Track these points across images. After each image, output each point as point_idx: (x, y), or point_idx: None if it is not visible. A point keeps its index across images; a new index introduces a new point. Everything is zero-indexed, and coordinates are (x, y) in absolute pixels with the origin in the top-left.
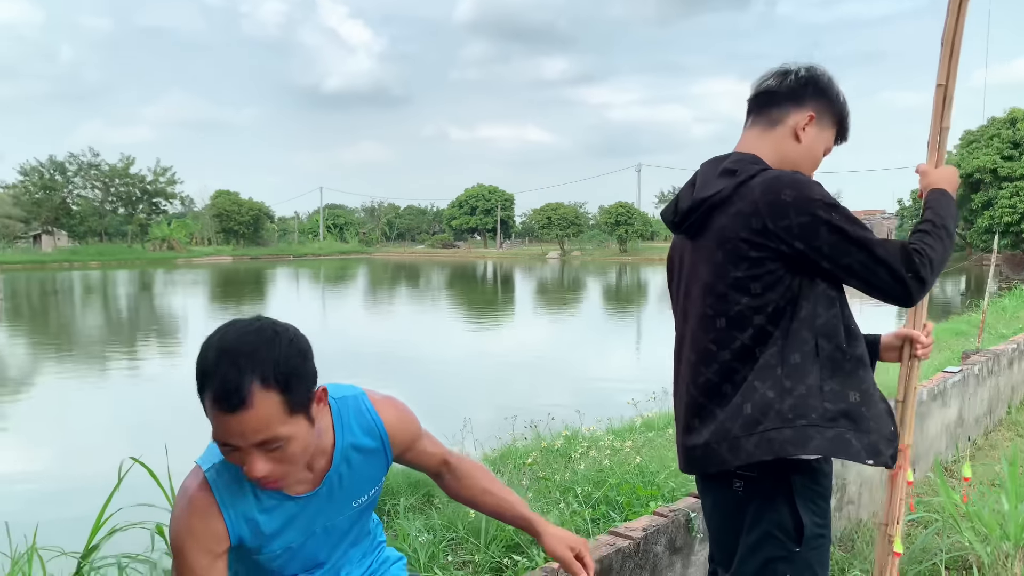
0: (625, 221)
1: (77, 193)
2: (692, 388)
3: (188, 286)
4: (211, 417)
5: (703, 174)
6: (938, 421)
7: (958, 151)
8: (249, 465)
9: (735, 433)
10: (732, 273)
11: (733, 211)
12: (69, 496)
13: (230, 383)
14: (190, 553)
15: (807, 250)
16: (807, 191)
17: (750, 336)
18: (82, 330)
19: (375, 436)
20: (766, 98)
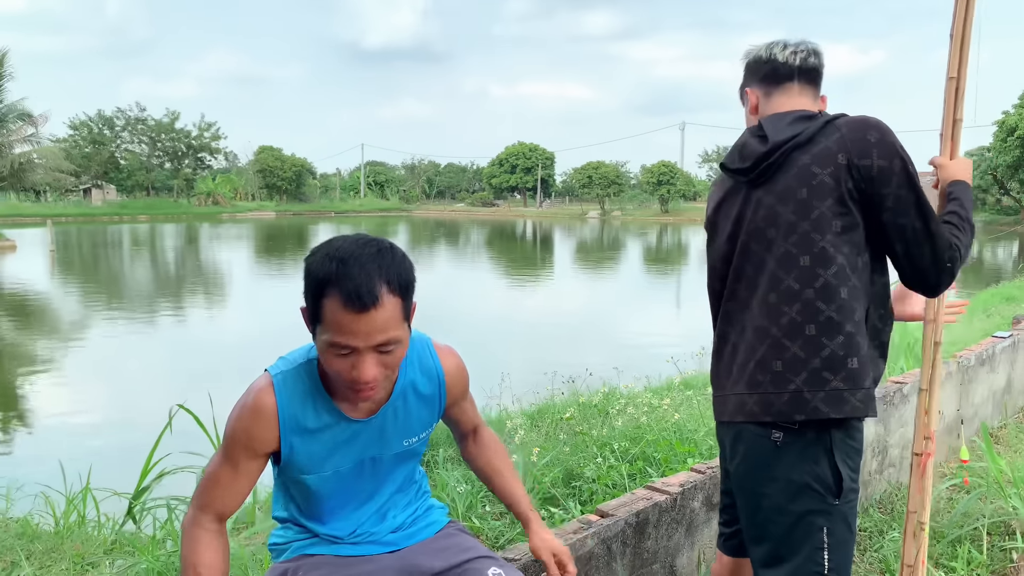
0: (667, 181)
1: (125, 148)
2: (775, 329)
3: (233, 240)
4: (334, 320)
5: (771, 124)
6: (985, 387)
7: (1016, 110)
8: (361, 367)
9: (835, 385)
10: (817, 209)
11: (817, 149)
12: (121, 440)
13: (363, 285)
14: (237, 446)
15: (875, 195)
16: (891, 137)
17: (833, 274)
18: (131, 281)
19: (434, 381)
20: (815, 75)
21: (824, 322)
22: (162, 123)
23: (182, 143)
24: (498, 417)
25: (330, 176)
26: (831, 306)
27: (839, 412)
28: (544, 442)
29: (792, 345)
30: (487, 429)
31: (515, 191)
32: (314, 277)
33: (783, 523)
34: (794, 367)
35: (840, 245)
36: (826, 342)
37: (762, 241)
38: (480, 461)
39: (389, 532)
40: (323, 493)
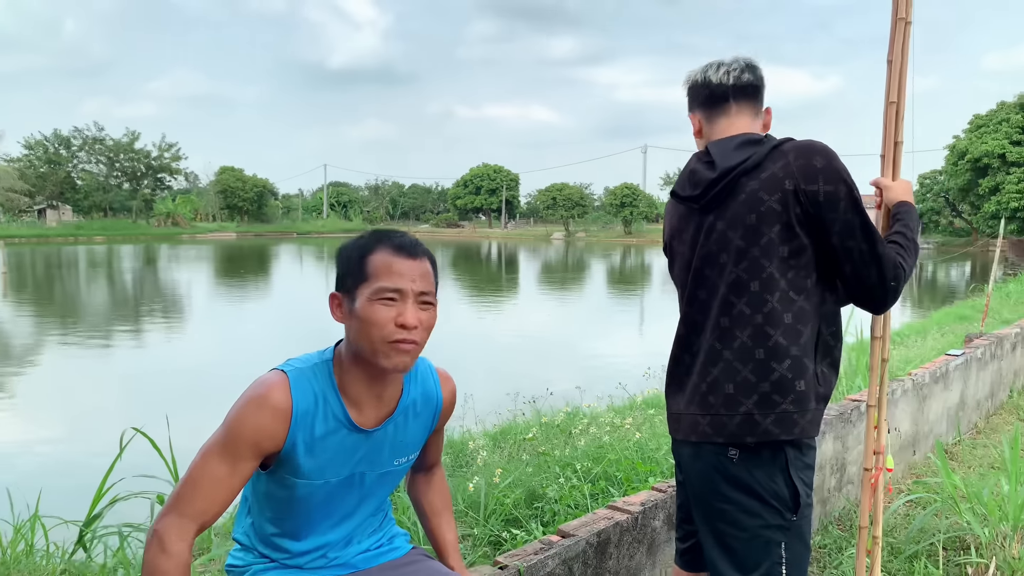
0: (630, 203)
1: (82, 168)
2: (727, 352)
3: (193, 261)
4: (384, 267)
5: (719, 150)
6: (940, 403)
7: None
8: (406, 313)
9: (784, 408)
10: (765, 235)
11: (765, 175)
12: (72, 466)
13: (408, 238)
14: (242, 440)
15: (822, 219)
16: (837, 163)
17: (778, 299)
18: (86, 304)
19: (431, 404)
20: (752, 91)
21: (772, 347)
22: (120, 143)
23: (141, 163)
24: (461, 439)
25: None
26: (778, 331)
27: (789, 434)
28: (507, 463)
29: (743, 369)
30: (441, 470)
31: (480, 212)
32: (358, 244)
33: (742, 539)
34: (745, 390)
35: (786, 270)
36: (775, 366)
37: (714, 266)
38: (424, 499)
39: (353, 556)
40: (307, 503)
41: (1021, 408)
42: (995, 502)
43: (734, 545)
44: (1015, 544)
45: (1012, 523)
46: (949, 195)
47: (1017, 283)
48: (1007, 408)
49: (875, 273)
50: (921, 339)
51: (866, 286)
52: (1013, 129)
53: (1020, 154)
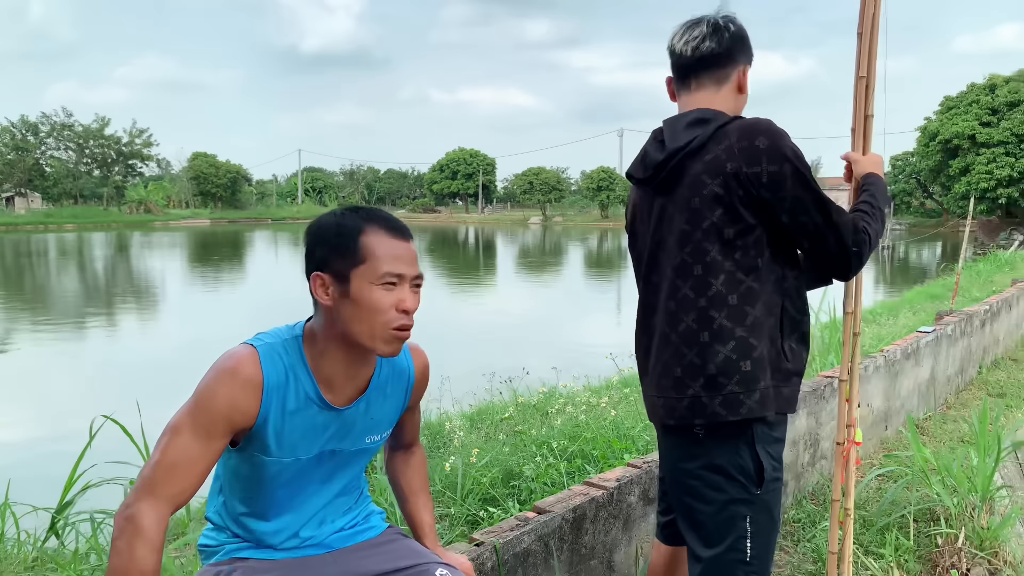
0: (607, 186)
1: (50, 154)
2: (674, 336)
3: (165, 248)
4: (381, 251)
5: (670, 129)
6: (911, 379)
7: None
8: (405, 298)
9: (731, 389)
10: (708, 219)
11: (709, 157)
12: (43, 453)
13: (396, 218)
14: (214, 413)
15: (771, 199)
16: (780, 141)
17: (723, 282)
18: (55, 290)
19: (403, 380)
20: (712, 60)
21: (717, 329)
22: (90, 129)
23: (112, 150)
24: (438, 420)
25: (266, 183)
26: (722, 313)
27: (735, 415)
28: (484, 443)
29: (689, 352)
30: (420, 450)
31: (457, 197)
32: (342, 226)
33: (708, 512)
34: (692, 373)
35: (732, 251)
36: (719, 348)
37: (664, 249)
38: (402, 479)
39: (328, 535)
40: (276, 482)
41: (990, 383)
42: (964, 474)
43: (701, 519)
44: (983, 514)
45: (980, 494)
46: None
47: (986, 262)
48: (976, 383)
49: (834, 242)
50: (893, 317)
51: (828, 256)
52: (983, 110)
53: (989, 135)
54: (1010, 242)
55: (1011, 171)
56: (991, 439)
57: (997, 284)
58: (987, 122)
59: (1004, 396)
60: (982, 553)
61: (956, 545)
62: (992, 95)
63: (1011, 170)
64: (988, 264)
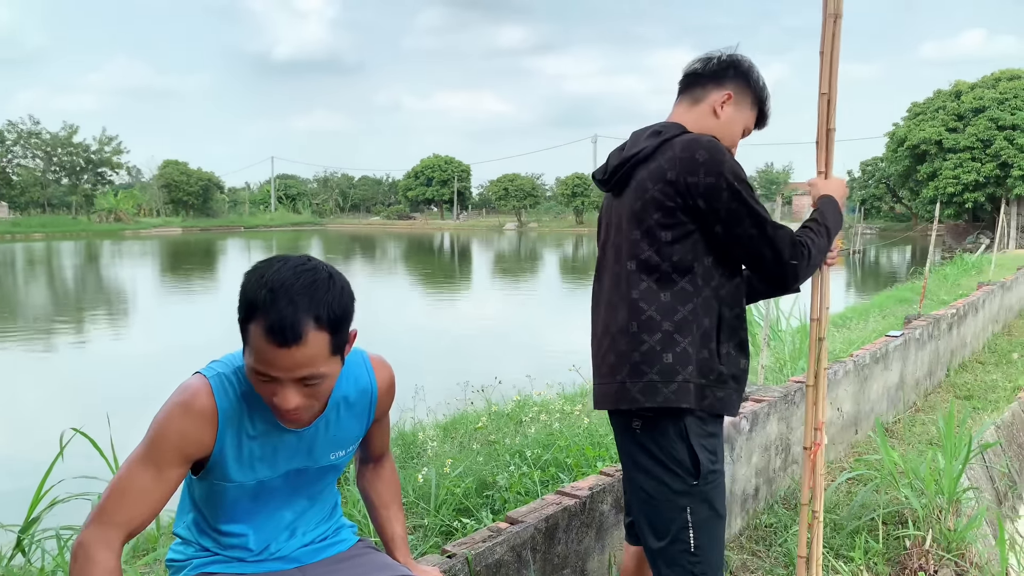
0: (581, 192)
1: (17, 163)
2: (612, 326)
3: (136, 257)
4: (256, 348)
5: (633, 138)
6: (880, 383)
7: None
8: (283, 396)
9: (651, 378)
10: (646, 221)
11: (654, 165)
12: (9, 469)
13: (287, 319)
14: (167, 446)
15: (707, 210)
16: (719, 156)
17: (656, 279)
18: (23, 301)
19: (366, 395)
20: (692, 79)
21: (645, 321)
22: (58, 137)
23: (80, 158)
24: (412, 431)
25: (239, 190)
26: (652, 307)
27: (652, 402)
28: (457, 453)
29: (621, 341)
30: (391, 461)
31: (432, 204)
32: (244, 299)
33: (652, 504)
34: (621, 361)
35: (669, 254)
36: (646, 338)
37: (612, 247)
38: (372, 491)
39: (297, 548)
40: (241, 501)
41: (957, 386)
42: (932, 476)
43: (647, 511)
44: (950, 516)
45: (947, 496)
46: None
47: (953, 266)
48: (944, 386)
49: (769, 254)
50: (863, 321)
51: (765, 268)
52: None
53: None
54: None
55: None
56: (958, 441)
57: (964, 287)
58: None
59: (971, 398)
60: (949, 555)
61: (924, 547)
62: (958, 101)
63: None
64: (955, 268)
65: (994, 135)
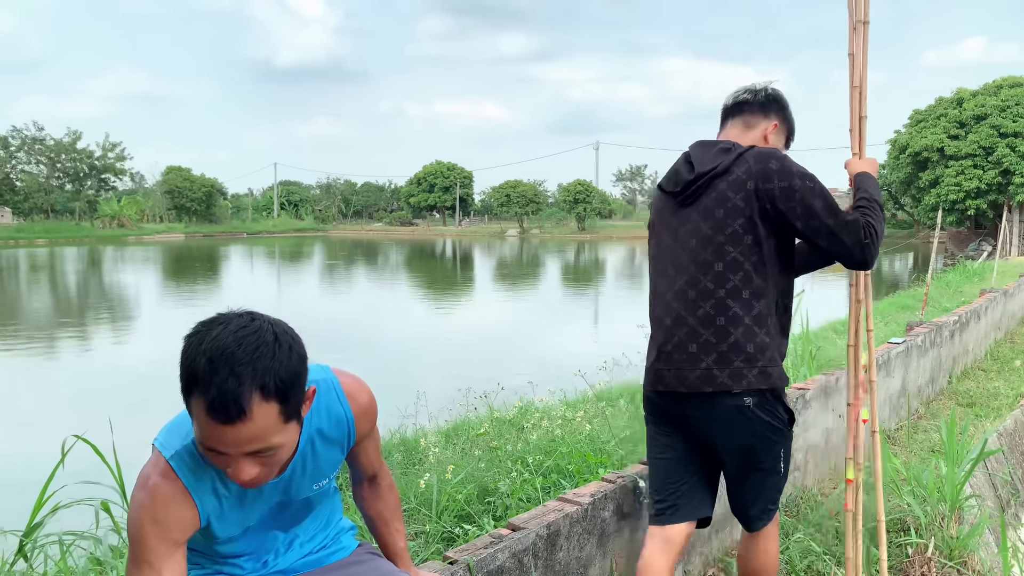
0: (583, 199)
1: (21, 169)
2: (691, 319)
3: (139, 263)
4: (200, 423)
5: (698, 153)
6: (882, 390)
7: (907, 130)
8: (235, 469)
9: (737, 364)
10: (731, 226)
11: (732, 178)
12: (11, 475)
13: (228, 394)
14: (150, 539)
15: (785, 211)
16: (788, 163)
17: (740, 278)
18: (26, 306)
19: (342, 425)
20: (743, 106)
21: (731, 316)
22: (62, 143)
23: (84, 164)
24: (414, 436)
25: (242, 196)
26: (736, 303)
27: (739, 386)
28: (459, 459)
29: (705, 332)
30: (386, 477)
31: (434, 210)
32: (183, 371)
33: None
34: (706, 350)
35: (749, 255)
36: (732, 331)
37: (686, 249)
38: (371, 510)
39: (295, 560)
40: (231, 542)
41: (959, 393)
42: (934, 484)
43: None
44: (952, 524)
45: (950, 504)
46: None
47: (955, 273)
48: (946, 394)
49: (848, 238)
50: None
51: (845, 251)
52: (950, 124)
53: (958, 148)
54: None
55: (979, 183)
56: (961, 449)
57: (966, 294)
58: (955, 135)
59: (973, 406)
60: (951, 563)
61: (926, 555)
62: (960, 108)
63: (979, 182)
64: (957, 275)
65: (996, 142)
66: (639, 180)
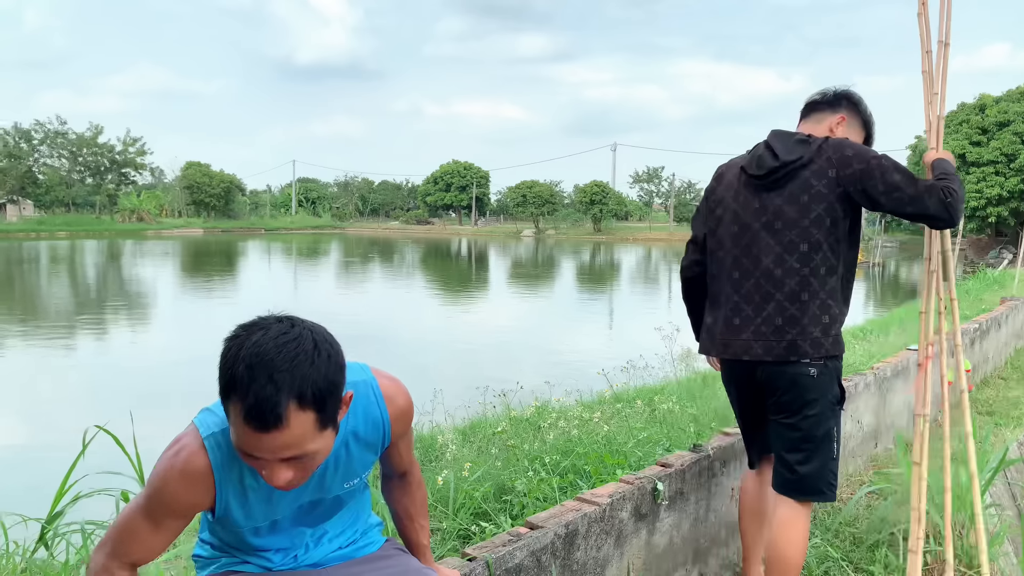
0: (600, 200)
1: (43, 162)
2: (778, 295)
3: (158, 257)
4: (237, 427)
5: (780, 143)
6: (901, 397)
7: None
8: (270, 473)
9: (815, 335)
10: (814, 211)
11: (815, 167)
12: (34, 464)
13: (265, 402)
14: (162, 504)
15: (865, 189)
16: (861, 148)
17: (820, 258)
18: (47, 298)
19: (379, 428)
20: (813, 106)
21: (812, 292)
22: (84, 137)
23: (105, 158)
24: (430, 434)
25: (260, 193)
26: (816, 281)
27: (818, 353)
28: (476, 457)
29: (791, 307)
30: (416, 474)
31: (450, 209)
32: (222, 375)
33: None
34: (791, 323)
35: (828, 237)
36: (811, 305)
37: (770, 230)
38: (398, 505)
39: (324, 555)
40: (259, 534)
41: (979, 402)
42: (954, 492)
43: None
44: (971, 532)
45: (969, 512)
46: None
47: (976, 280)
48: None
49: (931, 202)
50: (883, 335)
51: (930, 214)
52: (972, 130)
53: (979, 154)
54: (999, 260)
55: (1000, 190)
56: (980, 458)
57: (987, 302)
58: (977, 141)
59: (993, 415)
60: (970, 571)
61: (944, 563)
62: (982, 115)
63: (1000, 189)
64: (977, 282)
65: (1019, 149)
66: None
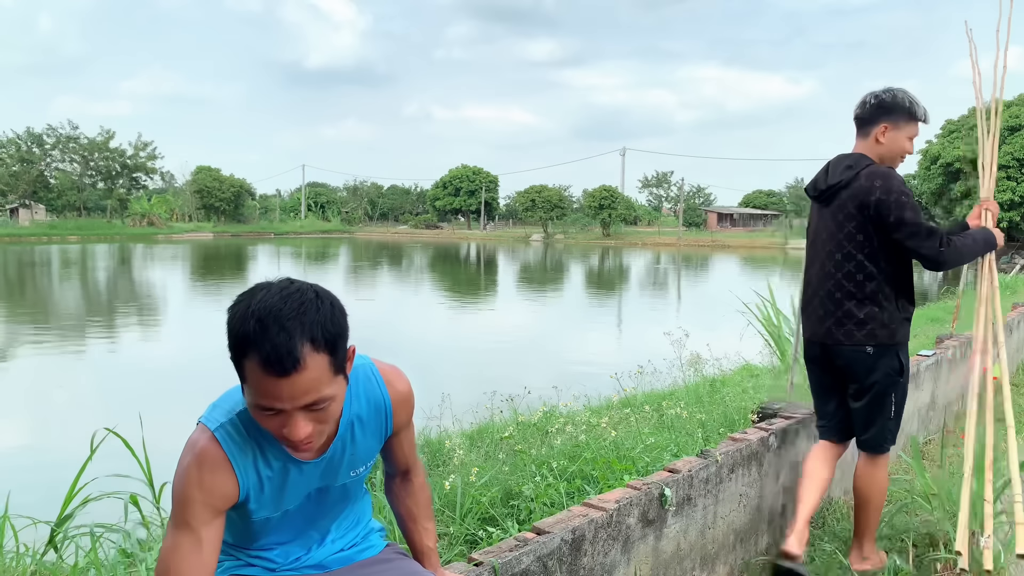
0: (609, 205)
1: (55, 166)
2: (838, 293)
3: (168, 261)
4: (255, 383)
5: (833, 166)
6: (912, 403)
7: (939, 140)
8: (292, 427)
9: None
10: (848, 228)
11: (851, 191)
12: (43, 467)
13: (282, 347)
14: (194, 505)
15: (881, 219)
16: (889, 183)
17: (854, 265)
18: (58, 303)
19: (380, 410)
20: (859, 121)
21: (868, 292)
22: (95, 142)
23: (116, 162)
24: (438, 438)
25: (270, 197)
26: (871, 283)
27: (872, 343)
28: (483, 462)
29: (848, 303)
30: (419, 475)
31: (459, 214)
32: (233, 335)
33: (878, 388)
34: (849, 316)
35: (860, 248)
36: (866, 302)
37: (832, 240)
38: (401, 506)
39: (327, 556)
40: (267, 528)
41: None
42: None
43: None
44: (982, 540)
45: (980, 520)
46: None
47: None
48: None
49: (927, 242)
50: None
51: (922, 253)
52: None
53: None
54: (1011, 266)
55: (1012, 195)
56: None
57: None
58: None
59: (1003, 420)
60: None
61: (955, 571)
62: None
63: (1012, 194)
64: None
65: None
66: (665, 186)
